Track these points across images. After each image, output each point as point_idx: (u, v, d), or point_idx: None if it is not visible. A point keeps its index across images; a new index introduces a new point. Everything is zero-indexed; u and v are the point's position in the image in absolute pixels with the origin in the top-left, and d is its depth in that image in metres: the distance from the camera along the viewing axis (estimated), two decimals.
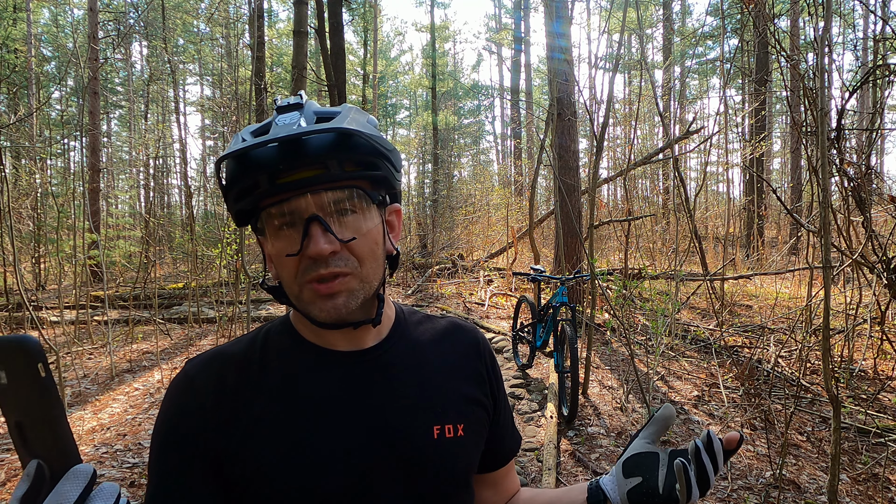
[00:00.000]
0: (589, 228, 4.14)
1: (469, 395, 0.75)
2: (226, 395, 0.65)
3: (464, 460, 0.72)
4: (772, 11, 4.46)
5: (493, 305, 7.97)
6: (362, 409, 0.67)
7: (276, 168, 0.60)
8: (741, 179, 15.80)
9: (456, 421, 0.71)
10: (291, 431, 0.64)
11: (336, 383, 0.68)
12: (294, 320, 0.73)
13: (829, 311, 2.11)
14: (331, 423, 0.65)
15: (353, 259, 0.63)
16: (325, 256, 0.61)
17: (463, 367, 0.77)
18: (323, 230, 0.61)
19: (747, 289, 8.12)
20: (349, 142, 0.62)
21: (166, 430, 0.65)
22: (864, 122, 9.32)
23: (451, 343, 0.78)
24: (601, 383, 4.47)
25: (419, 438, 0.68)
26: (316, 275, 0.61)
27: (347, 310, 0.63)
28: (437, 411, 0.71)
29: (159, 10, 15.68)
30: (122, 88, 23.94)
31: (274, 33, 18.93)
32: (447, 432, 0.70)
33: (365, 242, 0.64)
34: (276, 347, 0.70)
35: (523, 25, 23.07)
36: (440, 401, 0.72)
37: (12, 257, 3.65)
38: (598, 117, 5.80)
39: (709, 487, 0.65)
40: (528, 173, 15.85)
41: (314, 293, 0.62)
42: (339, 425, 0.65)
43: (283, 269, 0.64)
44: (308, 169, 0.61)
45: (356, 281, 0.64)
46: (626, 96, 18.68)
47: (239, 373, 0.67)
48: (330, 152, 0.61)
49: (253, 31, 11.26)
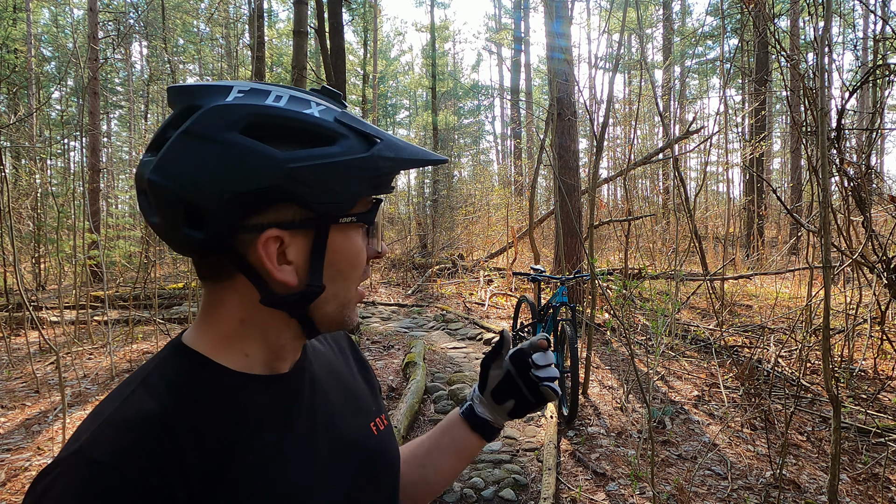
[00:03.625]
0: (589, 228, 4.14)
1: (368, 384, 0.77)
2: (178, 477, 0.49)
3: (396, 449, 0.73)
4: (772, 11, 4.46)
5: (493, 305, 7.97)
6: (322, 430, 0.63)
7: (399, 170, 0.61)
8: (741, 179, 15.81)
9: (377, 413, 0.72)
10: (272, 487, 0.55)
11: (291, 411, 0.61)
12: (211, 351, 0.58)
13: (829, 311, 2.11)
14: (304, 459, 0.60)
15: None
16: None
17: (351, 360, 0.77)
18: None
19: (747, 289, 8.12)
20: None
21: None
22: (864, 122, 9.32)
23: (332, 341, 0.77)
24: (601, 383, 4.47)
25: (368, 440, 0.68)
26: (367, 278, 0.63)
27: None
28: (365, 409, 0.71)
29: (159, 10, 15.68)
30: (122, 88, 23.94)
31: (274, 33, 18.94)
32: (380, 425, 0.71)
33: None
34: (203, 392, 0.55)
35: (523, 25, 23.07)
36: (362, 398, 0.72)
37: (12, 257, 3.66)
38: (598, 117, 5.80)
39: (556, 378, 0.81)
40: (528, 173, 15.85)
41: (360, 295, 0.62)
42: (311, 458, 0.60)
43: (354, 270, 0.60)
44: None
45: None
46: (626, 96, 18.69)
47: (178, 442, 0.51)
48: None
49: (253, 31, 11.26)
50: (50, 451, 3.15)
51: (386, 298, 8.99)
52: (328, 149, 0.54)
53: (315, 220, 0.55)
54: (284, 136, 0.53)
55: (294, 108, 0.54)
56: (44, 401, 4.05)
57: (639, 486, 2.81)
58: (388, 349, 5.67)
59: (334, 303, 0.59)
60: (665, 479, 2.88)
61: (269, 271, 0.54)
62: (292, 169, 0.52)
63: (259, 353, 0.59)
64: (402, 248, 12.65)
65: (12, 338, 5.93)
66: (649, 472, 2.67)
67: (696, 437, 3.43)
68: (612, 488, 2.85)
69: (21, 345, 5.68)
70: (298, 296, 0.57)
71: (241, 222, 0.53)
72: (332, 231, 0.57)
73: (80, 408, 3.90)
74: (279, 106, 0.53)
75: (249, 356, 0.58)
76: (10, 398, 4.08)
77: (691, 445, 3.32)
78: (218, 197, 0.51)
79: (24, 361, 5.01)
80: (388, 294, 9.44)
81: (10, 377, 4.63)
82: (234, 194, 0.51)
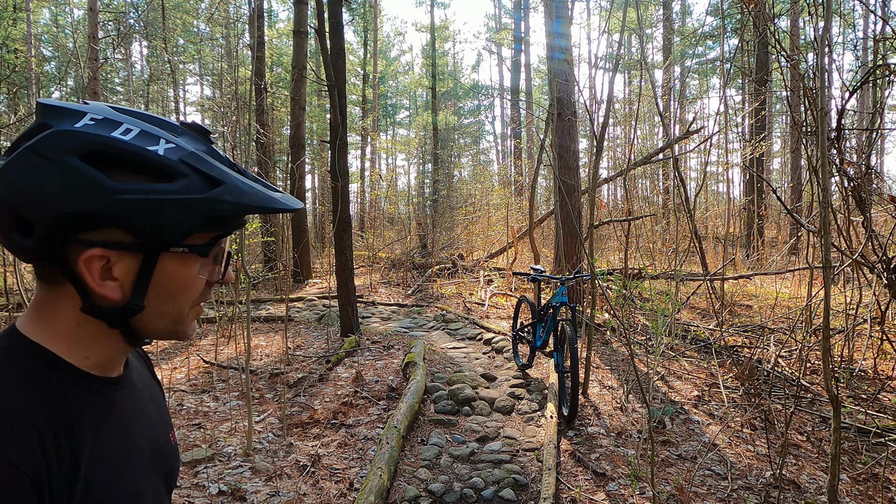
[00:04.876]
0: (589, 228, 4.14)
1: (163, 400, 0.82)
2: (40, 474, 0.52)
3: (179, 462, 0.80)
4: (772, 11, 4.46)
5: (493, 305, 7.97)
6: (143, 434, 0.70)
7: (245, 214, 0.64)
8: (741, 179, 15.81)
9: (171, 428, 0.79)
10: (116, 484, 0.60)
11: (123, 413, 0.66)
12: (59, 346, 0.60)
13: (829, 311, 2.11)
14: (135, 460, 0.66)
15: None
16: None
17: (152, 375, 0.83)
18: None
19: (747, 289, 8.12)
20: None
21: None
22: (864, 122, 9.32)
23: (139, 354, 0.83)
24: (601, 383, 4.47)
25: (169, 448, 0.75)
26: (207, 298, 0.68)
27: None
28: (166, 421, 0.78)
29: (159, 10, 15.68)
30: (122, 88, 23.94)
31: (274, 33, 18.93)
32: (173, 438, 0.78)
33: None
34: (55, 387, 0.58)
35: (523, 25, 23.06)
36: (163, 409, 0.79)
37: (12, 257, 3.66)
38: (598, 117, 5.81)
39: None
40: (528, 173, 15.85)
41: (196, 313, 0.67)
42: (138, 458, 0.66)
43: (186, 293, 0.64)
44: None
45: None
46: (626, 96, 18.69)
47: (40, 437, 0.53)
48: None
49: (253, 31, 11.26)
50: None
51: (386, 298, 8.99)
52: (164, 185, 0.58)
53: (143, 246, 0.59)
54: (124, 168, 0.57)
55: (138, 144, 0.58)
56: None
57: (639, 486, 2.81)
58: (388, 349, 5.67)
59: (164, 320, 0.64)
60: (665, 479, 2.88)
61: (89, 285, 0.58)
62: (121, 200, 0.56)
63: (95, 356, 0.63)
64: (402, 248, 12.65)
65: None
66: (649, 472, 2.67)
67: (696, 437, 3.43)
68: (612, 488, 2.85)
69: None
70: (119, 310, 0.61)
71: (70, 237, 0.57)
72: (164, 257, 0.61)
73: None
74: (124, 139, 0.57)
75: (89, 358, 0.62)
76: None
77: (691, 445, 3.32)
78: (45, 213, 0.55)
79: None
80: (388, 294, 9.44)
81: None
82: (62, 213, 0.55)
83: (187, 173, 0.59)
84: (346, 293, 6.16)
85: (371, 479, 2.73)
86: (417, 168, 23.28)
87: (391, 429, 3.33)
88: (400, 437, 3.33)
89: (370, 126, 21.63)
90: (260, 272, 10.94)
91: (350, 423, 3.73)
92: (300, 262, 10.54)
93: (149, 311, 0.62)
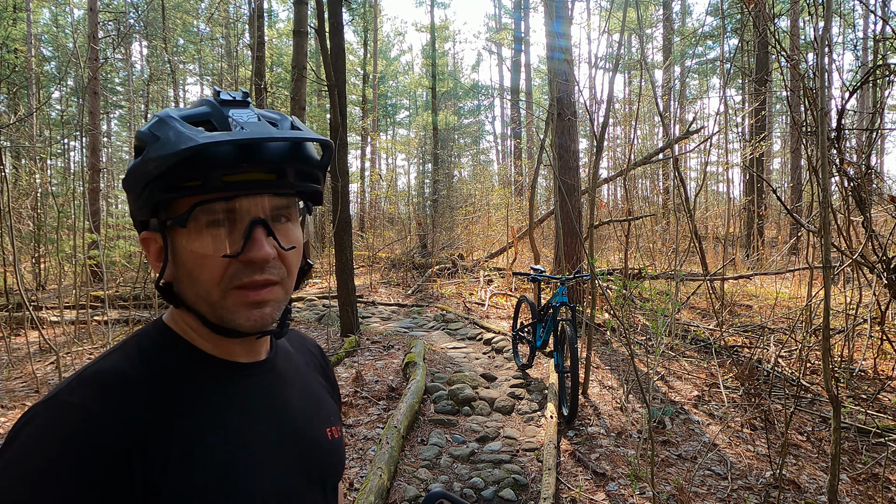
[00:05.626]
0: (589, 228, 4.14)
1: (330, 398, 0.80)
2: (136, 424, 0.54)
3: (343, 459, 0.77)
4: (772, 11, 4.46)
5: (493, 305, 7.97)
6: (275, 422, 0.66)
7: (231, 164, 0.55)
8: (741, 179, 15.80)
9: (334, 423, 0.76)
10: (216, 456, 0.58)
11: (246, 398, 0.65)
12: (182, 330, 0.64)
13: (829, 311, 2.11)
14: (251, 441, 0.62)
15: (284, 269, 0.61)
16: (265, 262, 0.58)
17: (320, 373, 0.81)
18: (266, 235, 0.58)
19: (747, 289, 8.12)
20: (304, 152, 0.60)
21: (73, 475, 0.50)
22: (864, 122, 9.32)
23: (307, 351, 0.82)
24: (601, 383, 4.47)
25: (322, 443, 0.72)
26: (249, 280, 0.58)
27: (273, 319, 0.61)
28: (322, 415, 0.74)
29: (159, 10, 15.68)
30: (122, 88, 23.93)
31: (274, 33, 18.92)
32: (334, 433, 0.74)
33: (297, 254, 0.63)
34: (170, 363, 0.61)
35: (523, 25, 23.06)
36: (322, 405, 0.76)
37: (12, 257, 3.66)
38: (598, 117, 5.80)
39: None
40: (528, 173, 15.85)
41: (242, 299, 0.58)
42: (258, 442, 0.63)
43: (202, 271, 0.58)
44: (264, 172, 0.58)
45: (282, 291, 0.62)
46: (626, 96, 18.69)
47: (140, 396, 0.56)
48: (287, 159, 0.59)
49: (253, 31, 11.26)
50: None
51: (386, 298, 8.99)
52: (133, 160, 0.58)
53: (157, 224, 0.59)
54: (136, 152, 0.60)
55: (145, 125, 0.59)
56: None
57: (639, 486, 2.81)
58: (388, 349, 5.67)
59: (202, 303, 0.60)
60: (665, 479, 2.88)
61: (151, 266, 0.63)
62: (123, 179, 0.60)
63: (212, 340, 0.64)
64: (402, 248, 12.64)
65: (12, 338, 5.93)
66: (649, 472, 2.67)
67: (696, 437, 3.43)
68: (612, 488, 2.85)
69: (21, 345, 5.68)
70: (161, 290, 0.62)
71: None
72: (175, 234, 0.59)
73: None
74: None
75: (208, 342, 0.64)
76: (10, 398, 4.08)
77: (691, 445, 3.32)
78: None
79: (24, 361, 5.01)
80: (388, 294, 9.44)
81: (10, 377, 4.63)
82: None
83: (147, 142, 0.56)
84: (346, 293, 6.16)
85: (371, 479, 2.72)
86: (417, 168, 23.27)
87: (391, 429, 3.33)
88: (400, 437, 3.33)
89: (370, 126, 21.63)
90: None
91: (350, 423, 3.73)
92: None
93: (188, 294, 0.61)
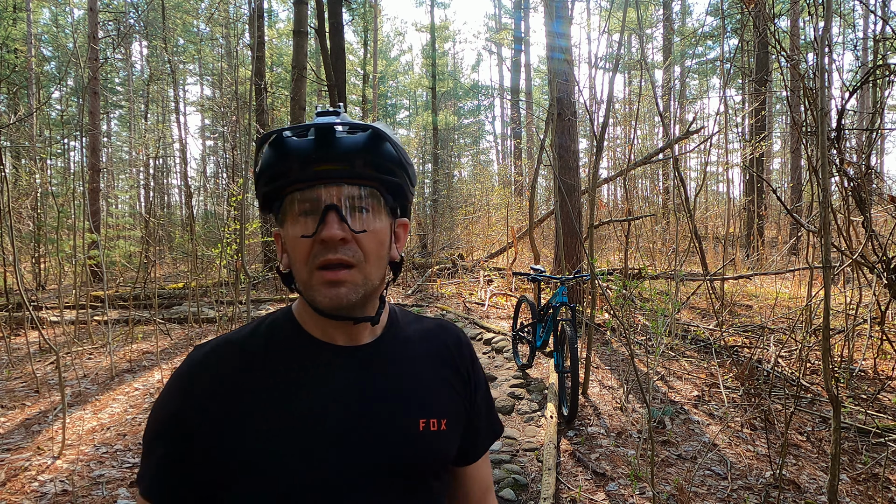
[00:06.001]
0: (589, 228, 4.14)
1: (451, 392, 0.81)
2: (222, 388, 0.69)
3: (443, 453, 0.78)
4: (772, 11, 4.46)
5: (493, 305, 7.96)
6: (355, 401, 0.71)
7: (309, 157, 0.66)
8: (741, 179, 15.80)
9: (440, 416, 0.77)
10: (285, 422, 0.67)
11: (332, 376, 0.72)
12: (298, 312, 0.76)
13: (829, 311, 2.11)
14: (324, 415, 0.69)
15: (360, 253, 0.68)
16: (336, 242, 0.66)
17: (447, 366, 0.83)
18: (338, 219, 0.66)
19: (747, 289, 8.12)
20: (377, 146, 0.69)
21: (158, 420, 0.69)
22: (864, 122, 9.32)
23: (437, 343, 0.84)
24: (601, 383, 4.47)
25: (406, 430, 0.74)
26: (324, 259, 0.66)
27: (348, 301, 0.68)
28: (423, 406, 0.76)
29: (159, 10, 15.67)
30: (122, 88, 23.92)
31: (274, 33, 18.92)
32: (431, 426, 0.76)
33: (372, 238, 0.69)
34: (278, 338, 0.74)
35: (523, 25, 23.06)
36: (427, 396, 0.78)
37: (12, 257, 3.65)
38: (598, 117, 5.80)
39: None
40: (528, 173, 15.84)
41: (321, 279, 0.67)
42: (331, 417, 0.69)
43: (295, 253, 0.68)
44: (336, 163, 0.67)
45: (359, 275, 0.68)
46: (626, 96, 18.68)
47: (238, 364, 0.71)
48: (358, 152, 0.68)
49: (253, 31, 11.26)
50: (50, 450, 3.14)
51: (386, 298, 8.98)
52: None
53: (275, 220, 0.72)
54: None
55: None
56: (44, 401, 4.05)
57: (639, 486, 2.81)
58: None
59: (299, 283, 0.70)
60: (665, 479, 2.88)
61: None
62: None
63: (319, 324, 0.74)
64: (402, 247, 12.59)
65: (12, 338, 5.93)
66: (649, 472, 2.67)
67: (696, 437, 3.43)
68: (612, 488, 2.85)
69: (21, 345, 5.68)
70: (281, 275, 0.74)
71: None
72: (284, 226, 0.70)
73: (80, 408, 3.90)
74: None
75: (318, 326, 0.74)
76: (10, 398, 4.08)
77: (691, 445, 3.31)
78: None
79: (24, 361, 5.01)
80: (388, 294, 9.43)
81: (10, 377, 4.63)
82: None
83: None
84: None
85: None
86: (417, 168, 23.26)
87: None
88: None
89: None
90: (260, 272, 10.93)
91: None
92: None
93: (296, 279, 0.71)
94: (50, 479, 2.81)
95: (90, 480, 2.82)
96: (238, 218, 6.49)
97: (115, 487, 2.76)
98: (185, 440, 0.67)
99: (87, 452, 3.15)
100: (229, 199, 7.84)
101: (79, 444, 3.26)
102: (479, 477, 0.90)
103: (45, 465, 2.96)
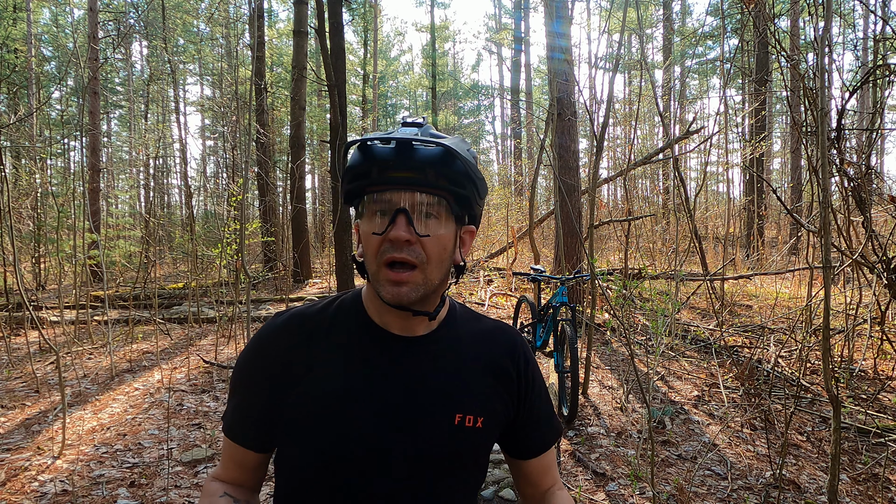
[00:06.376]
0: (589, 228, 4.14)
1: (495, 392, 0.86)
2: (289, 354, 0.80)
3: (475, 449, 0.83)
4: (772, 11, 4.46)
5: (493, 305, 7.97)
6: (399, 388, 0.79)
7: (388, 163, 0.74)
8: (741, 179, 15.80)
9: (477, 413, 0.82)
10: (335, 394, 0.77)
11: (384, 361, 0.80)
12: (364, 296, 0.86)
13: (829, 311, 2.11)
14: (370, 395, 0.78)
15: (423, 254, 0.75)
16: (402, 242, 0.73)
17: (495, 366, 0.87)
18: (406, 222, 0.73)
19: (747, 289, 8.12)
20: (448, 160, 0.75)
21: (238, 371, 0.84)
22: (864, 122, 9.32)
23: (491, 343, 0.89)
24: (601, 383, 4.47)
25: (441, 423, 0.80)
26: (390, 256, 0.74)
27: (408, 299, 0.75)
28: (463, 401, 0.82)
29: (159, 10, 15.66)
30: (122, 88, 23.92)
31: (274, 33, 18.92)
32: (467, 422, 0.81)
33: (436, 243, 0.76)
34: (342, 319, 0.84)
35: (523, 25, 23.07)
36: (468, 393, 0.83)
37: (12, 257, 3.65)
38: (598, 117, 5.80)
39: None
40: (528, 173, 15.84)
41: (387, 276, 0.75)
42: (376, 399, 0.78)
43: (367, 247, 0.76)
44: (411, 171, 0.74)
45: (421, 276, 0.75)
46: (626, 96, 18.68)
47: (306, 335, 0.82)
48: (430, 163, 0.74)
49: (253, 31, 11.26)
50: (50, 450, 3.14)
51: None
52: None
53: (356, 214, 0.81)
54: None
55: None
56: (44, 400, 4.05)
57: (639, 486, 2.81)
58: None
59: (370, 273, 0.77)
60: (665, 479, 2.88)
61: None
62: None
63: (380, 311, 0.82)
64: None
65: (12, 337, 5.93)
66: (649, 472, 2.67)
67: (696, 437, 3.43)
68: (612, 488, 2.85)
69: (21, 344, 5.68)
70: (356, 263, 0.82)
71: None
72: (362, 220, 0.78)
73: (80, 408, 3.90)
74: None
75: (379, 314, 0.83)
76: (10, 398, 4.08)
77: (691, 445, 3.31)
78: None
79: (24, 361, 5.01)
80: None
81: (10, 377, 4.63)
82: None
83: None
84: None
85: None
86: None
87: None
88: None
89: (370, 126, 21.62)
90: (260, 272, 10.93)
91: None
92: (300, 262, 10.54)
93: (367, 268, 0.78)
94: (50, 479, 2.81)
95: (90, 480, 2.82)
96: (238, 218, 6.50)
97: (115, 487, 2.76)
98: (256, 393, 0.81)
99: (87, 452, 3.15)
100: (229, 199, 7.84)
101: (79, 444, 3.25)
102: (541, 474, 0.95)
103: (45, 465, 2.96)
